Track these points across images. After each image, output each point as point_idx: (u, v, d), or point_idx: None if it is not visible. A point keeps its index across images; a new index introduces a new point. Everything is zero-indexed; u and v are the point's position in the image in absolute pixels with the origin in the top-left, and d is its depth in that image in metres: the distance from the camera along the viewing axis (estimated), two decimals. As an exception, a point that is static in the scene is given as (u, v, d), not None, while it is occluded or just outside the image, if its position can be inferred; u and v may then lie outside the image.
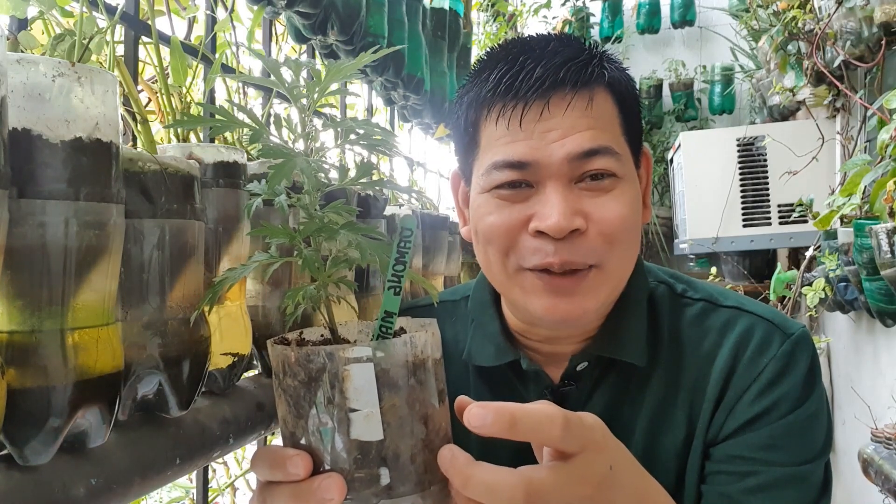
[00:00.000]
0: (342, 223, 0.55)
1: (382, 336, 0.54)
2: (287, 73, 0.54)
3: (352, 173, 0.57)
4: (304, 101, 0.55)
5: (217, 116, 0.54)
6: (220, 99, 1.00)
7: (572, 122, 0.70)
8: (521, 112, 0.71)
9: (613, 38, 4.27)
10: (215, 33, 0.97)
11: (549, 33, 0.78)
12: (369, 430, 0.50)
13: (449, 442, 0.55)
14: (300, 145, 0.55)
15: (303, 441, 0.52)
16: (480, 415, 0.51)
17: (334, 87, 0.55)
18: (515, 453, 0.59)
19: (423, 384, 0.52)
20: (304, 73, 0.57)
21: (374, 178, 1.15)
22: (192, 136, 0.79)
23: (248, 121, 0.55)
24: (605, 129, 0.72)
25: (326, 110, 1.39)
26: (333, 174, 0.57)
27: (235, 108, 0.58)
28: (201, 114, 0.76)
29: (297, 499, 0.51)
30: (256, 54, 0.65)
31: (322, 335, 0.60)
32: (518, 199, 0.72)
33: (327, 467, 0.51)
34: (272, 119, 0.55)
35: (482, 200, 0.75)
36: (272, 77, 0.54)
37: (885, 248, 1.48)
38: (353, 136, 0.56)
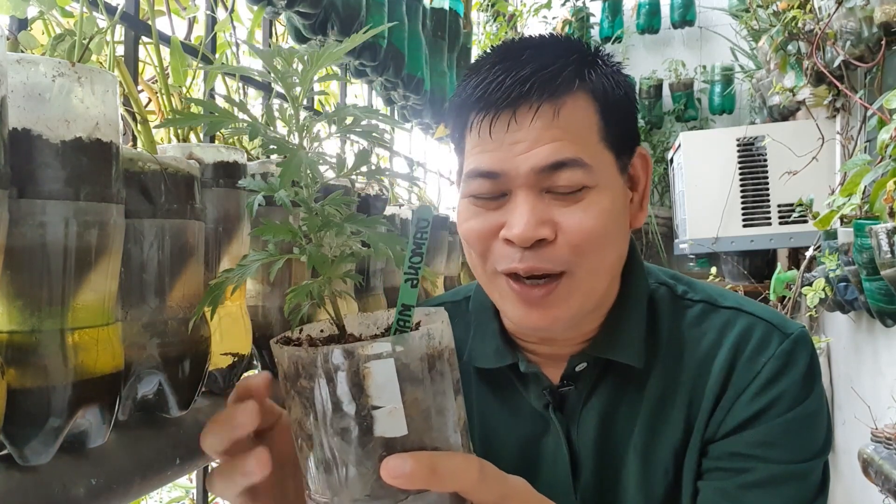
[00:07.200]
0: (345, 217, 0.54)
1: (400, 330, 0.53)
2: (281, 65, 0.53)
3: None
4: (297, 89, 0.54)
5: (215, 114, 0.53)
6: (220, 99, 1.00)
7: (537, 135, 0.70)
8: (489, 122, 0.71)
9: (613, 38, 4.26)
10: (215, 33, 0.97)
11: (531, 36, 0.78)
12: (393, 426, 0.49)
13: (466, 432, 0.55)
14: (295, 138, 0.54)
15: (323, 442, 0.50)
16: (398, 465, 0.48)
17: (327, 72, 0.54)
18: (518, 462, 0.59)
19: (442, 375, 0.52)
20: (297, 65, 0.56)
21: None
22: (193, 136, 0.79)
23: (244, 117, 0.54)
24: (575, 140, 0.70)
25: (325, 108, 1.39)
26: (331, 172, 0.56)
27: (232, 106, 0.58)
28: (199, 111, 0.75)
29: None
30: (251, 45, 0.65)
31: (322, 330, 0.59)
32: (492, 207, 0.73)
33: (352, 467, 0.50)
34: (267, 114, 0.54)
35: (463, 205, 0.77)
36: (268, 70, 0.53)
37: (885, 248, 1.48)
38: (350, 125, 0.56)
